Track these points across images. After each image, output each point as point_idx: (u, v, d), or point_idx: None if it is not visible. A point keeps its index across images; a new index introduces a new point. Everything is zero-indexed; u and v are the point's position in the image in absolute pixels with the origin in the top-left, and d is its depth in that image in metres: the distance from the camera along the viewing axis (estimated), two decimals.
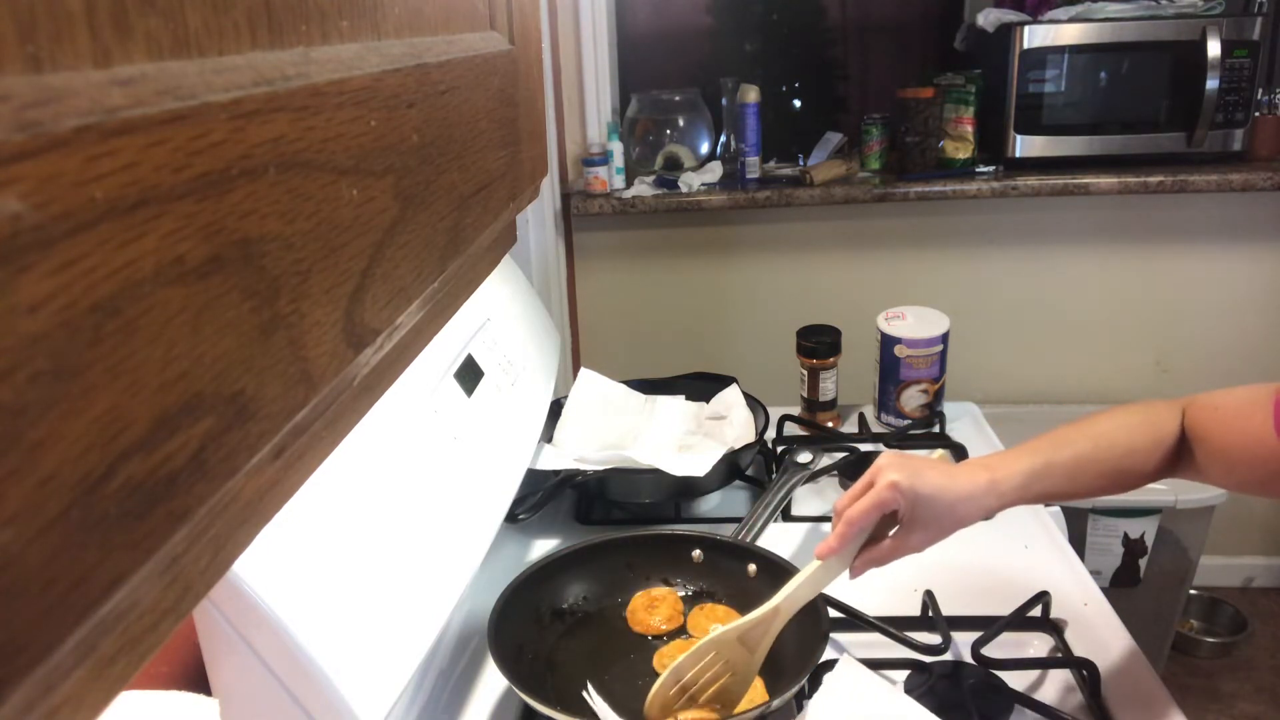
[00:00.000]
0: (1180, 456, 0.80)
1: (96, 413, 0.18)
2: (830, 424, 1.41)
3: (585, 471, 1.12)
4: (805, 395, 1.41)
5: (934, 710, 0.76)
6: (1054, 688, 0.87)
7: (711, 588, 0.98)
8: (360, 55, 0.31)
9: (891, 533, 0.79)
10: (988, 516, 0.79)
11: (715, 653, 0.78)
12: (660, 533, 1.02)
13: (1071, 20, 1.92)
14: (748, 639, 0.78)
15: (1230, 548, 2.29)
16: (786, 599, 0.78)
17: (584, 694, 0.81)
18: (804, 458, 1.18)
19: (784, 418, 1.42)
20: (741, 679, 0.79)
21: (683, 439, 1.25)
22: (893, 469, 0.77)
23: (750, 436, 1.22)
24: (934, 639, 0.88)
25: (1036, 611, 0.94)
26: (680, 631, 0.93)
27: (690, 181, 2.05)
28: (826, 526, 1.15)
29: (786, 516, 1.16)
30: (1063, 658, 0.90)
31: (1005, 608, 0.93)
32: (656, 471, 1.10)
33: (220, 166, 0.22)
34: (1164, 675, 0.91)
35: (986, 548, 1.07)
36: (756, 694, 0.81)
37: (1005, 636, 0.90)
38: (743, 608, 0.92)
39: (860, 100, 2.36)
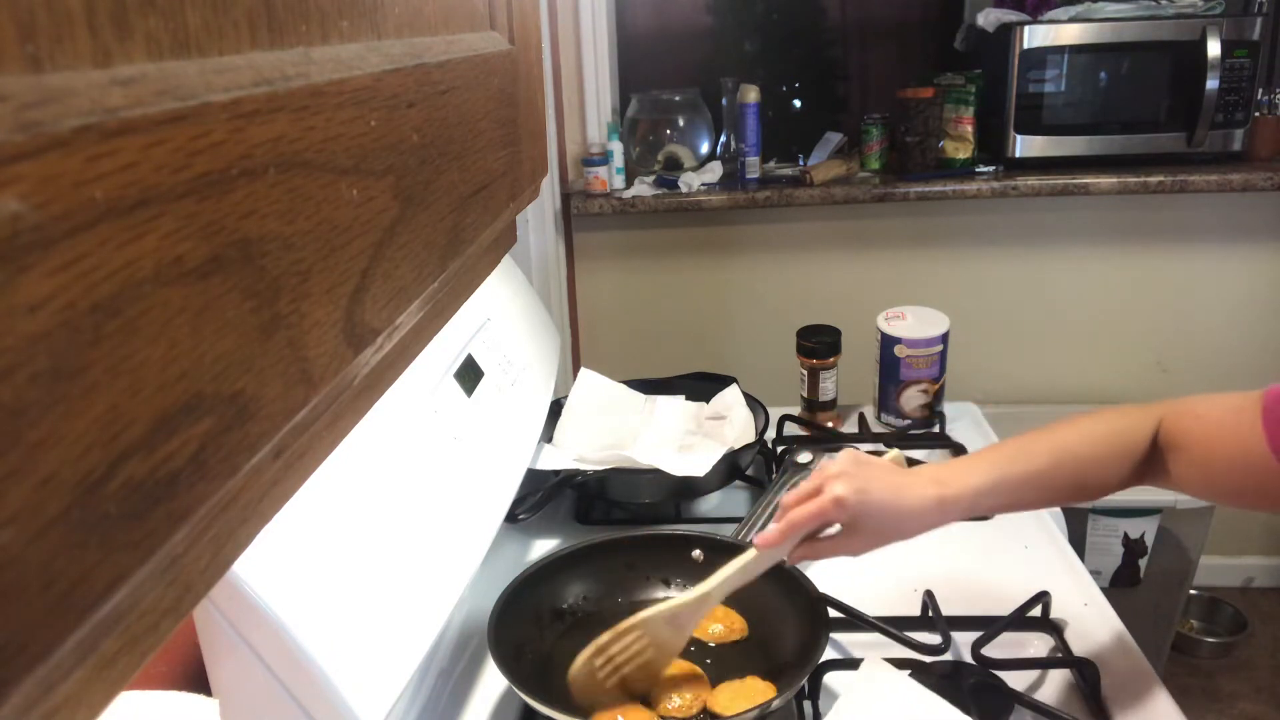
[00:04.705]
0: (1150, 465, 0.79)
1: (97, 413, 0.18)
2: (830, 424, 1.41)
3: (585, 471, 1.12)
4: (805, 395, 1.41)
5: None
6: (1054, 688, 0.87)
7: None
8: (360, 55, 0.31)
9: (832, 531, 0.80)
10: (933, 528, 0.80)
11: (641, 631, 0.81)
12: (660, 533, 1.02)
13: (1071, 20, 1.92)
14: (676, 620, 0.82)
15: (1230, 548, 2.29)
16: (718, 586, 0.81)
17: None
18: (804, 458, 1.18)
19: (784, 418, 1.42)
20: (664, 654, 0.83)
21: (683, 439, 1.25)
22: (841, 482, 0.76)
23: (750, 436, 1.22)
24: (934, 639, 0.88)
25: (1036, 611, 0.94)
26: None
27: (690, 181, 2.05)
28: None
29: None
30: (1063, 658, 0.90)
31: (1005, 608, 0.93)
32: (656, 471, 1.10)
33: (220, 166, 0.22)
34: (1164, 675, 0.91)
35: (986, 548, 1.07)
36: (762, 691, 0.81)
37: (1005, 636, 0.90)
38: (740, 607, 0.92)
39: (860, 100, 2.36)
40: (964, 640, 0.90)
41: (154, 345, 0.19)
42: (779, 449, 1.30)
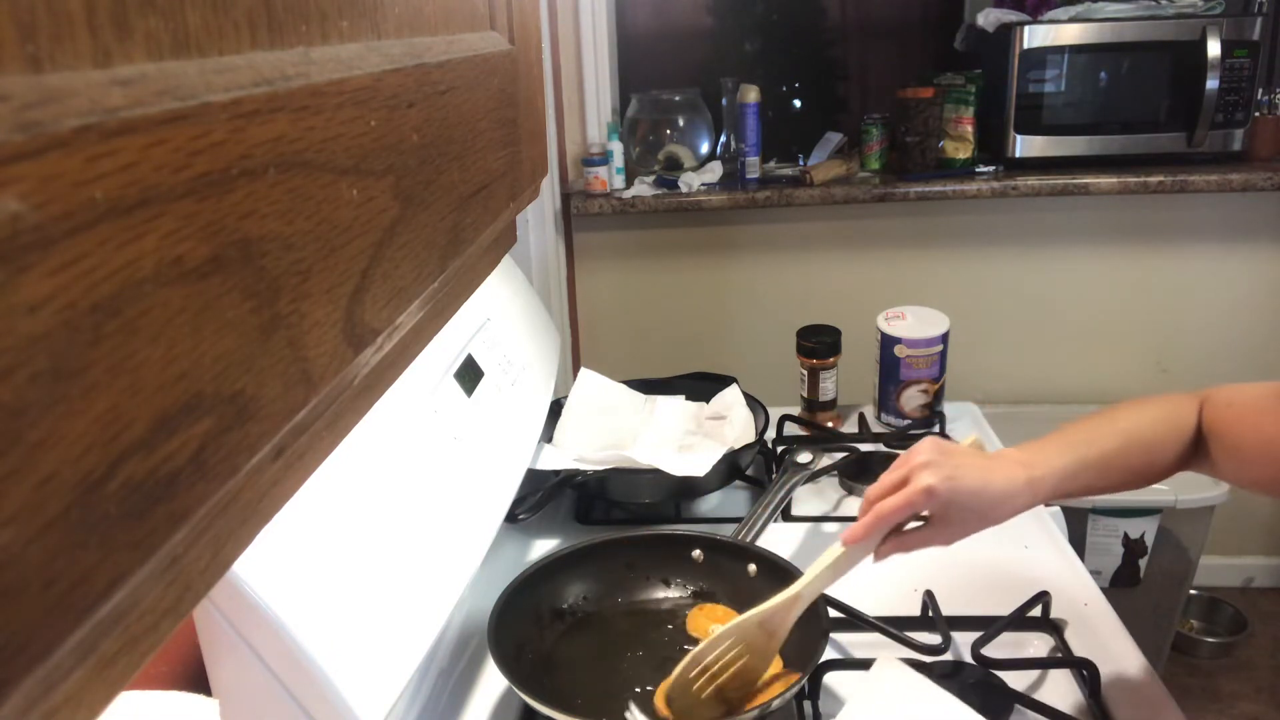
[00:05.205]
0: (1197, 450, 0.80)
1: (97, 413, 0.18)
2: (830, 424, 1.41)
3: (585, 471, 1.12)
4: (805, 395, 1.41)
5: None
6: (1054, 688, 0.87)
7: (711, 588, 0.97)
8: (360, 55, 0.31)
9: (916, 523, 0.78)
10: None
11: (735, 638, 0.79)
12: (660, 533, 1.02)
13: (1071, 20, 1.92)
14: (768, 624, 0.79)
15: (1230, 548, 2.29)
16: (808, 585, 0.78)
17: (626, 715, 0.81)
18: (804, 458, 1.18)
19: (784, 418, 1.42)
20: (760, 659, 0.80)
21: (683, 439, 1.25)
22: (930, 471, 0.74)
23: (750, 436, 1.22)
24: (934, 639, 0.88)
25: (1036, 611, 0.94)
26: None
27: (690, 181, 2.05)
28: (827, 526, 1.15)
29: (786, 516, 1.16)
30: (1063, 658, 0.90)
31: (1005, 608, 0.93)
32: (656, 471, 1.10)
33: (220, 166, 0.22)
34: (1164, 675, 0.91)
35: (986, 548, 1.06)
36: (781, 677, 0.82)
37: (1005, 636, 0.90)
38: (742, 608, 0.91)
39: (860, 100, 2.36)
40: (964, 640, 0.90)
41: (154, 345, 0.19)
42: (779, 449, 1.30)
